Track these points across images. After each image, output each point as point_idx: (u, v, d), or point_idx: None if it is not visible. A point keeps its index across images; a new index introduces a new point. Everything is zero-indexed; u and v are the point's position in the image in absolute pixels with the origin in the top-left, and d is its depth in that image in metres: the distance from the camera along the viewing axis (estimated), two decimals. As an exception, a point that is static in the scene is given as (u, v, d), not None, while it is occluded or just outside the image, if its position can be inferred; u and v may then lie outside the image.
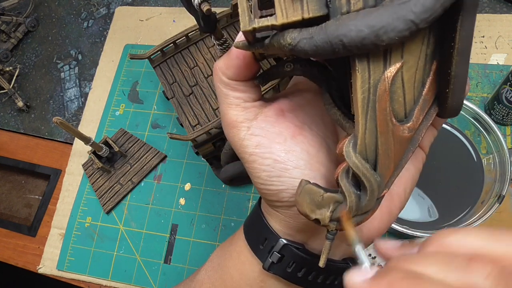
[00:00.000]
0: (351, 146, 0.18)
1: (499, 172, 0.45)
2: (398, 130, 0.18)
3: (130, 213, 0.63)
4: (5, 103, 0.78)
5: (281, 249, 0.24)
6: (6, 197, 0.73)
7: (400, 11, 0.15)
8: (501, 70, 0.58)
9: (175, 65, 0.57)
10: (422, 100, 0.19)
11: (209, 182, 0.62)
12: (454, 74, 0.18)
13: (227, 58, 0.22)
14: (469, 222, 0.42)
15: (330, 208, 0.20)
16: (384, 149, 0.18)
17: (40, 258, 0.63)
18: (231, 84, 0.23)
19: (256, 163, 0.23)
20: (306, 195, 0.20)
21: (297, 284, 0.25)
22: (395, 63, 0.17)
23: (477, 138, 0.48)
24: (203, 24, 0.39)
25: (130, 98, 0.70)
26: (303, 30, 0.17)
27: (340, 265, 0.25)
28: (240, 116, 0.23)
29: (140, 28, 0.75)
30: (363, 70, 0.17)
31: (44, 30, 0.82)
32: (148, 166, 0.64)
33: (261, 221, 0.26)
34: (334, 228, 0.20)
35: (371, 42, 0.15)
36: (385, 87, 0.17)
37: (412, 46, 0.17)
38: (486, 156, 0.47)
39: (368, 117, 0.18)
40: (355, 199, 0.19)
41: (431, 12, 0.15)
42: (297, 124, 0.24)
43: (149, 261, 0.59)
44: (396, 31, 0.15)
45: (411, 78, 0.18)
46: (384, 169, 0.19)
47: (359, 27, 0.15)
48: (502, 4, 0.63)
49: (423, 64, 0.18)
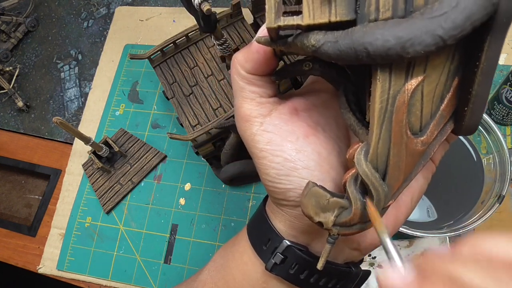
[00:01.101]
0: (362, 154, 0.18)
1: (499, 172, 0.45)
2: (411, 143, 0.18)
3: (130, 213, 0.63)
4: (5, 103, 0.78)
5: (284, 250, 0.24)
6: (6, 197, 0.73)
7: (430, 25, 0.15)
8: (501, 70, 0.58)
9: (175, 65, 0.57)
10: (439, 116, 0.18)
11: (209, 182, 0.62)
12: (475, 93, 0.17)
13: (247, 52, 0.22)
14: (469, 222, 0.42)
15: (335, 212, 0.20)
16: (395, 160, 0.18)
17: (40, 258, 0.63)
18: (248, 78, 0.22)
19: (266, 160, 0.23)
20: (312, 197, 0.20)
21: (299, 286, 0.25)
22: (417, 76, 0.17)
23: (477, 138, 0.48)
24: (203, 24, 0.39)
25: (130, 98, 0.70)
26: (328, 33, 0.17)
27: (343, 269, 0.25)
28: (254, 111, 0.23)
29: (140, 28, 0.75)
30: (384, 80, 0.17)
31: (44, 30, 0.82)
32: (148, 166, 0.64)
33: (265, 222, 0.26)
34: (336, 232, 0.20)
35: (396, 53, 0.15)
36: (404, 99, 0.17)
37: (437, 61, 0.17)
38: (486, 156, 0.47)
39: (383, 127, 0.18)
40: (360, 206, 0.19)
41: (461, 29, 0.14)
42: (311, 124, 0.23)
43: (149, 261, 0.59)
44: (423, 45, 0.15)
45: (431, 92, 0.18)
46: (393, 181, 0.19)
47: (386, 37, 0.15)
48: (502, 4, 0.63)
49: (445, 79, 0.18)
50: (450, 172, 0.48)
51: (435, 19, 0.15)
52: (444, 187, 0.47)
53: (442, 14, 0.14)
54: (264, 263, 0.25)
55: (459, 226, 0.43)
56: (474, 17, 0.14)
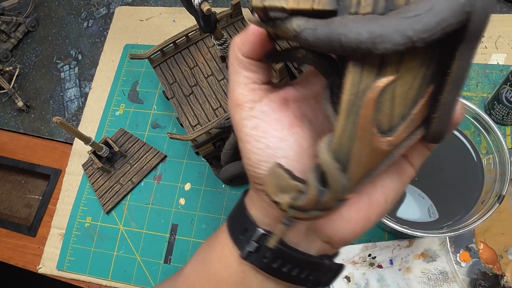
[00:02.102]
0: (326, 143, 0.19)
1: (499, 172, 0.45)
2: (376, 141, 0.18)
3: (130, 213, 0.63)
4: (5, 103, 0.78)
5: (259, 238, 0.25)
6: (6, 197, 0.73)
7: (402, 25, 0.15)
8: (501, 70, 0.58)
9: (175, 65, 0.57)
10: (410, 119, 0.18)
11: (209, 182, 0.62)
12: (444, 101, 0.18)
13: (244, 34, 0.23)
14: (469, 222, 0.42)
15: (292, 195, 0.20)
16: (358, 155, 0.19)
17: (40, 258, 0.63)
18: (244, 62, 0.23)
19: (249, 144, 0.23)
20: (274, 177, 0.21)
21: (272, 275, 0.25)
22: (389, 75, 0.17)
23: (477, 138, 0.48)
24: (203, 24, 0.39)
25: (130, 98, 0.70)
26: (310, 20, 0.17)
27: (315, 260, 0.26)
28: (245, 96, 0.23)
29: (140, 28, 0.75)
30: (355, 73, 0.17)
31: (44, 30, 0.82)
32: (148, 166, 0.64)
33: (243, 212, 0.26)
34: (291, 215, 0.21)
35: (367, 47, 0.15)
36: (372, 96, 0.17)
37: (411, 64, 0.17)
38: (486, 156, 0.47)
39: (350, 119, 0.18)
40: (317, 193, 0.20)
41: (430, 33, 0.15)
42: (298, 115, 0.24)
43: (149, 261, 0.59)
44: (392, 43, 0.15)
45: (403, 94, 0.18)
46: (353, 174, 0.19)
47: (360, 30, 0.15)
48: (502, 4, 0.63)
49: (419, 84, 0.18)
50: (450, 172, 0.48)
51: (408, 19, 0.15)
52: (444, 187, 0.47)
53: (416, 16, 0.15)
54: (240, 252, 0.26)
55: (459, 226, 0.42)
56: (446, 23, 0.15)
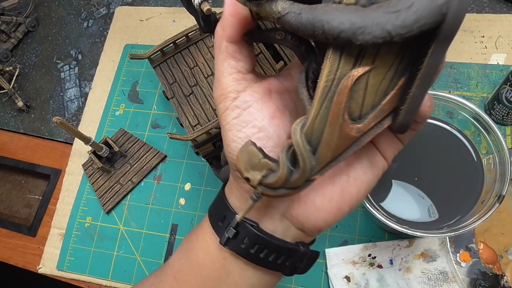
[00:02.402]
0: (300, 125, 0.20)
1: (499, 172, 0.45)
2: (347, 127, 0.19)
3: (130, 213, 0.63)
4: (5, 103, 0.78)
5: (236, 225, 0.26)
6: (6, 197, 0.73)
7: (382, 19, 0.15)
8: (501, 70, 0.58)
9: (175, 65, 0.57)
10: (379, 109, 0.19)
11: (209, 182, 0.62)
12: (412, 95, 0.18)
13: (222, 19, 0.23)
14: (469, 222, 0.42)
15: (263, 173, 0.21)
16: (328, 138, 0.20)
17: (40, 258, 0.63)
18: (228, 49, 0.23)
19: (230, 133, 0.24)
20: (246, 154, 0.21)
21: (250, 261, 0.26)
22: (365, 66, 0.18)
23: (477, 138, 0.48)
24: (203, 24, 0.39)
25: (130, 98, 0.70)
26: (294, 4, 0.17)
27: (290, 246, 0.27)
28: (230, 86, 0.24)
29: (140, 28, 0.75)
30: (334, 61, 0.18)
31: (44, 30, 0.82)
32: (148, 166, 0.64)
33: (222, 200, 0.27)
34: (260, 191, 0.21)
35: (347, 37, 0.16)
36: (348, 84, 0.18)
37: (386, 56, 0.18)
38: (486, 156, 0.47)
39: (323, 104, 0.19)
40: (287, 172, 0.20)
41: (408, 29, 0.15)
42: (280, 107, 0.25)
43: (149, 261, 0.59)
44: (371, 35, 0.16)
45: (376, 85, 0.19)
46: (322, 156, 0.20)
47: (342, 20, 0.16)
48: (502, 4, 0.63)
49: (391, 76, 0.19)
50: (450, 172, 0.48)
51: (388, 14, 0.15)
52: (444, 187, 0.47)
53: (395, 12, 0.15)
54: (219, 238, 0.26)
55: (459, 226, 0.42)
56: (423, 22, 0.15)
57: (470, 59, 0.60)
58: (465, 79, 0.59)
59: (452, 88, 0.59)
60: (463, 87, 0.59)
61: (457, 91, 0.58)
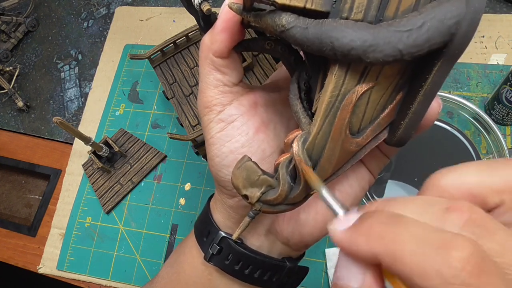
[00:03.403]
0: (301, 141, 0.19)
1: (499, 172, 0.45)
2: (347, 142, 0.19)
3: (130, 213, 0.63)
4: (5, 103, 0.78)
5: (220, 241, 0.25)
6: (6, 197, 0.73)
7: (393, 37, 0.15)
8: (501, 70, 0.58)
9: (175, 65, 0.57)
10: (377, 123, 0.19)
11: (209, 182, 0.62)
12: (414, 110, 0.18)
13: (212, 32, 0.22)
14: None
15: (262, 189, 0.20)
16: (329, 154, 0.19)
17: (40, 258, 0.63)
18: (215, 63, 0.23)
19: (214, 147, 0.24)
20: (244, 170, 0.21)
21: (235, 277, 0.26)
22: (369, 82, 0.18)
23: (477, 138, 0.48)
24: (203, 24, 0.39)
25: (130, 98, 0.70)
26: (300, 18, 0.17)
27: (276, 262, 0.26)
28: (215, 99, 0.23)
29: (140, 28, 0.75)
30: (340, 76, 0.17)
31: (44, 30, 0.82)
32: (148, 166, 0.64)
33: (206, 216, 0.27)
34: (258, 208, 0.21)
35: (357, 55, 0.16)
36: (351, 100, 0.18)
37: (389, 72, 0.18)
38: (486, 156, 0.47)
39: (326, 120, 0.18)
40: (287, 189, 0.20)
41: (419, 48, 0.15)
42: (265, 120, 0.24)
43: (149, 261, 0.59)
44: (383, 53, 0.16)
45: (376, 100, 0.19)
46: (322, 172, 0.20)
47: (353, 37, 0.16)
48: (502, 4, 0.63)
49: (391, 91, 0.19)
50: (450, 172, 0.48)
51: (399, 33, 0.15)
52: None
53: (407, 31, 0.15)
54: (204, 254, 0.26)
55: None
56: (433, 41, 0.15)
57: (470, 59, 0.60)
58: (465, 79, 0.59)
59: (452, 88, 0.59)
60: (463, 87, 0.59)
61: (457, 91, 0.59)
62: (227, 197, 0.25)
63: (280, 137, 0.25)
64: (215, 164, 0.24)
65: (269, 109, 0.25)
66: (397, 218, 0.14)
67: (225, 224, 0.26)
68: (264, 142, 0.24)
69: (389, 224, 0.14)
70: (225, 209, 0.26)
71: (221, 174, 0.24)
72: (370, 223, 0.14)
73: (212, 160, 0.24)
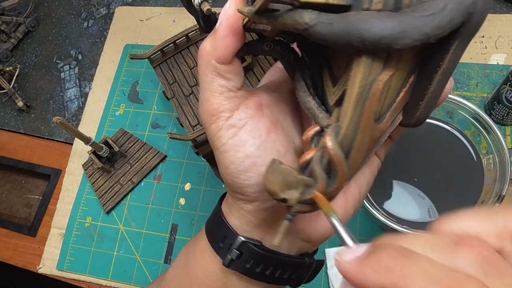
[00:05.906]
0: (334, 135, 0.19)
1: (499, 172, 0.45)
2: (374, 130, 0.20)
3: (130, 213, 0.63)
4: (5, 103, 0.78)
5: (239, 246, 0.25)
6: (6, 197, 0.73)
7: (419, 22, 0.16)
8: (501, 70, 0.58)
9: (175, 65, 0.57)
10: (394, 107, 0.20)
11: (209, 182, 0.62)
12: (433, 89, 0.19)
13: (214, 39, 0.22)
14: (469, 222, 0.42)
15: (300, 190, 0.20)
16: (359, 143, 0.19)
17: (40, 258, 0.63)
18: (218, 69, 0.22)
19: (227, 154, 0.23)
20: (279, 174, 0.20)
21: (255, 279, 0.26)
22: (390, 68, 0.18)
23: (477, 138, 0.48)
24: (203, 24, 0.39)
25: (130, 98, 0.70)
26: (322, 14, 0.17)
27: (296, 260, 0.26)
28: (222, 106, 0.23)
29: (140, 28, 0.75)
30: (367, 67, 0.17)
31: (44, 30, 0.82)
32: (148, 166, 0.64)
33: (220, 220, 0.26)
34: (298, 210, 0.21)
35: (388, 43, 0.16)
36: (378, 88, 0.18)
37: (407, 57, 0.18)
38: (486, 156, 0.47)
39: (356, 111, 0.18)
40: (325, 185, 0.20)
41: (442, 30, 0.16)
42: (272, 120, 0.24)
43: (149, 261, 0.59)
44: (411, 39, 0.16)
45: (395, 85, 0.19)
46: (354, 162, 0.20)
47: (382, 26, 0.16)
48: (502, 4, 0.63)
49: (406, 75, 0.19)
50: (450, 172, 0.48)
51: (424, 17, 0.16)
52: (444, 187, 0.47)
53: (430, 15, 0.16)
54: (222, 260, 0.26)
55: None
56: (454, 22, 0.16)
57: (470, 59, 0.60)
58: (465, 79, 0.59)
59: (452, 88, 0.59)
60: (463, 87, 0.59)
61: (457, 91, 0.58)
62: (244, 203, 0.25)
63: (288, 136, 0.24)
64: (231, 171, 0.23)
65: (274, 109, 0.25)
66: (407, 252, 0.14)
67: (243, 228, 0.26)
68: (277, 142, 0.23)
69: (398, 257, 0.14)
70: (242, 214, 0.25)
71: (239, 180, 0.23)
72: (380, 255, 0.14)
73: (227, 168, 0.23)
